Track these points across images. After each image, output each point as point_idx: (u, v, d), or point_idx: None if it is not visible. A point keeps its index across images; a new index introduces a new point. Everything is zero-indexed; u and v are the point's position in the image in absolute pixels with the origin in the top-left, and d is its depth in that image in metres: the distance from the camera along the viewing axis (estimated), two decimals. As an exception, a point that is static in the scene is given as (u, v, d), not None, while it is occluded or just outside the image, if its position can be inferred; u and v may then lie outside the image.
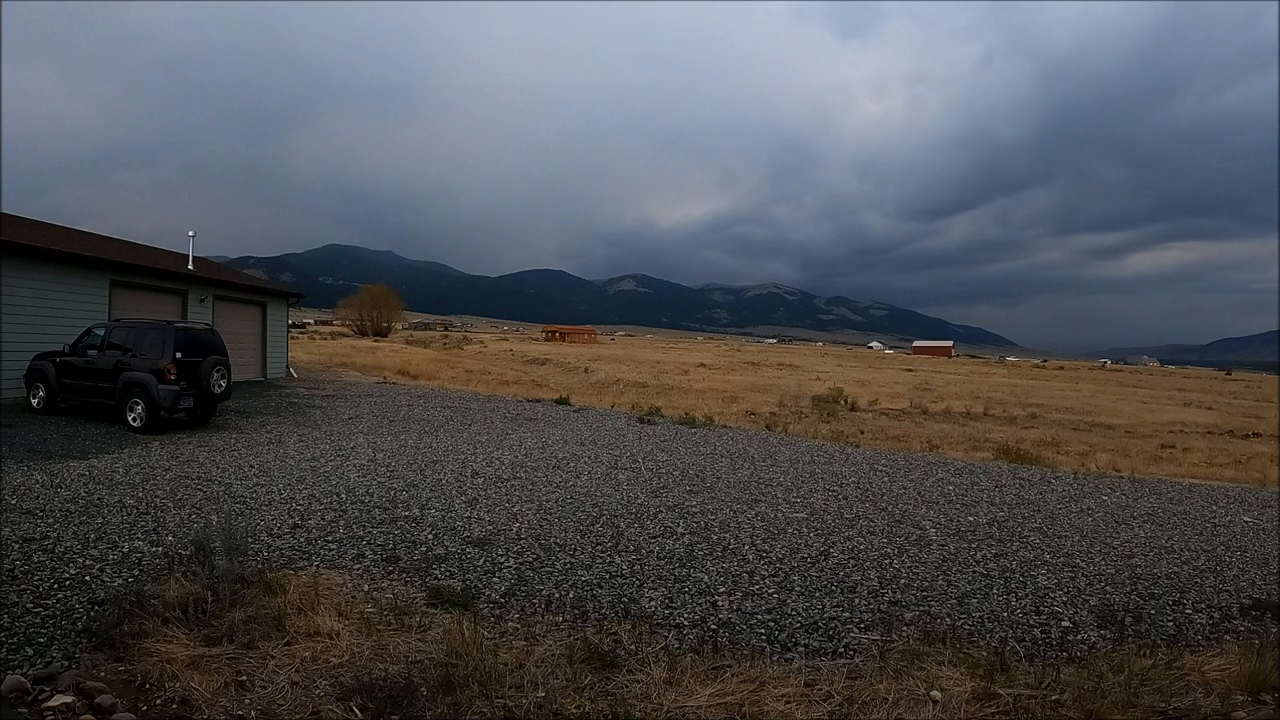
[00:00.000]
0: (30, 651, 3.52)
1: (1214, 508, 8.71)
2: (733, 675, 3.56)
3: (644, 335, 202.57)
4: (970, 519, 7.45)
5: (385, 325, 69.85)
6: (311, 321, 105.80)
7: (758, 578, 5.25)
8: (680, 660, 3.70)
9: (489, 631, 3.98)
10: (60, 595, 4.25)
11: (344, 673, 3.38)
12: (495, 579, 4.96)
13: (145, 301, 16.63)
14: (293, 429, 11.83)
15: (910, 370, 60.89)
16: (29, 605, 4.07)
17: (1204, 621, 4.81)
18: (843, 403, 27.65)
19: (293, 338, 30.16)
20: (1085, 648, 4.25)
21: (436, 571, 5.05)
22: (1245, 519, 8.15)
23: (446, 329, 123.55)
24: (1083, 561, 6.08)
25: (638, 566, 5.39)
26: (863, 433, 19.00)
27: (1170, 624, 4.74)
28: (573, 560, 5.46)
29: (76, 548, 5.13)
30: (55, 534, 5.43)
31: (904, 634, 4.24)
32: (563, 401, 19.22)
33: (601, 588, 4.90)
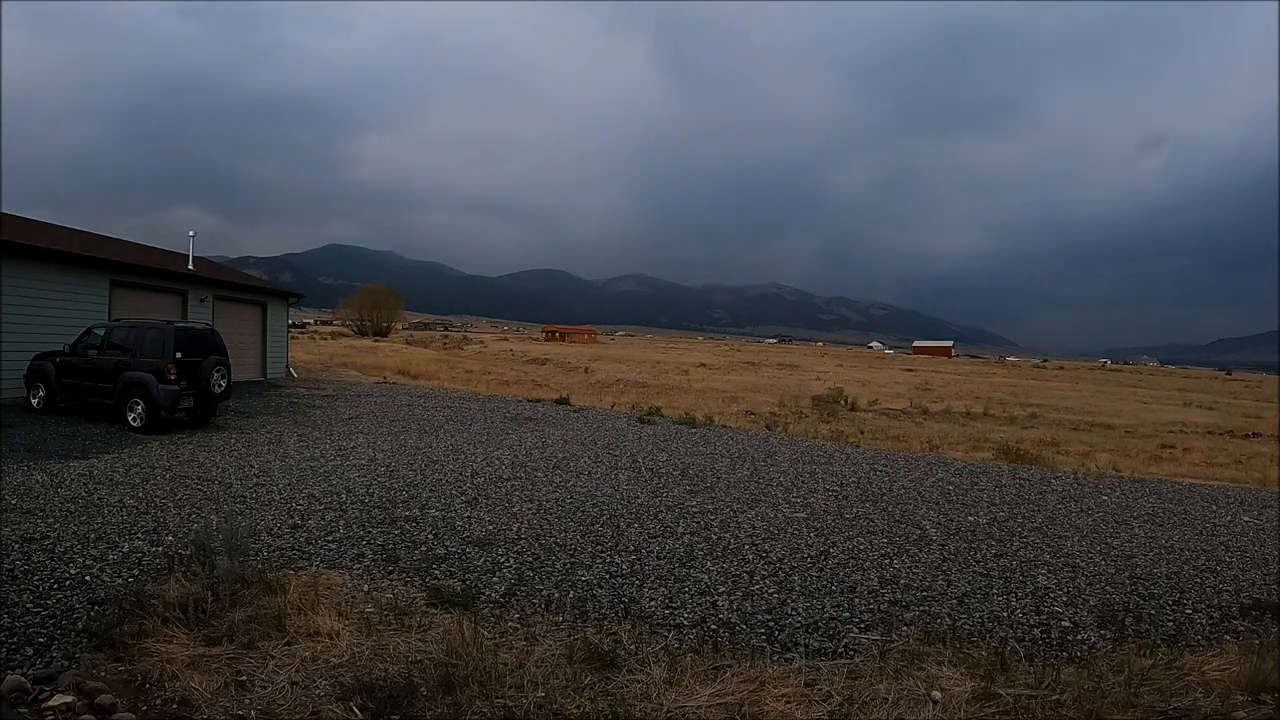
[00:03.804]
0: (30, 651, 3.52)
1: (1214, 508, 8.71)
2: (733, 675, 3.56)
3: (644, 335, 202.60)
4: (970, 519, 7.45)
5: (385, 325, 69.87)
6: (312, 321, 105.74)
7: (758, 578, 5.25)
8: (680, 660, 3.70)
9: (489, 631, 3.98)
10: (60, 595, 4.26)
11: (344, 673, 3.38)
12: (495, 579, 4.96)
13: (145, 301, 16.63)
14: (293, 429, 11.83)
15: (910, 370, 60.88)
16: (29, 605, 4.07)
17: (1204, 621, 4.80)
18: (843, 403, 27.65)
19: (293, 338, 30.16)
20: (1085, 648, 4.25)
21: (436, 571, 5.05)
22: (1245, 519, 8.15)
23: (446, 329, 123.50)
24: (1083, 561, 6.08)
25: (638, 566, 5.39)
26: (863, 433, 19.00)
27: (1170, 624, 4.74)
28: (573, 560, 5.46)
29: (76, 548, 5.13)
30: (55, 534, 5.43)
31: (904, 634, 4.24)
32: (563, 401, 19.22)
33: (601, 587, 4.90)
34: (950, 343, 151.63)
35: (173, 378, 11.05)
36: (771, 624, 4.39)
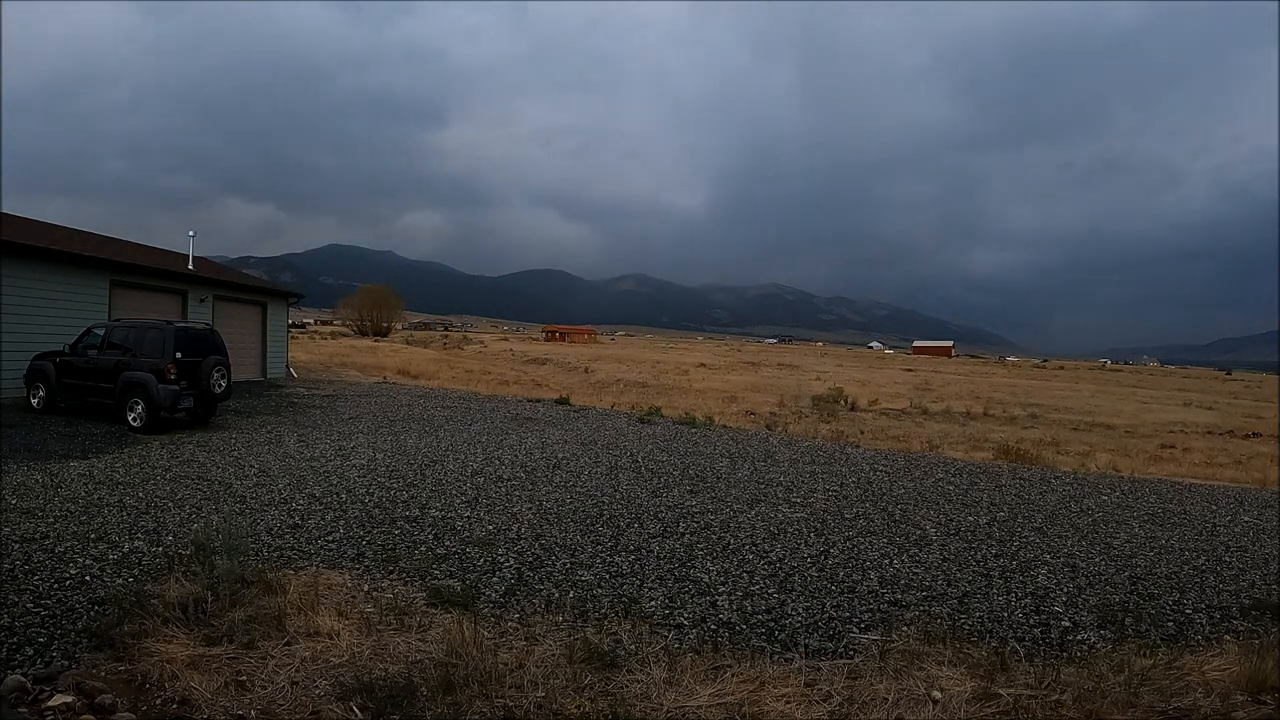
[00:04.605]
0: (30, 651, 3.52)
1: (1214, 508, 8.70)
2: (733, 675, 3.56)
3: (644, 335, 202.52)
4: (970, 519, 7.45)
5: (385, 325, 69.90)
6: (312, 321, 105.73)
7: (758, 578, 5.25)
8: (680, 660, 3.70)
9: (489, 631, 3.98)
10: (60, 595, 4.26)
11: (344, 672, 3.38)
12: (495, 579, 4.96)
13: (145, 301, 16.63)
14: (293, 429, 11.83)
15: (910, 370, 60.91)
16: (29, 605, 4.07)
17: (1204, 621, 4.80)
18: (843, 403, 27.67)
19: (293, 338, 30.17)
20: (1085, 648, 4.25)
21: (436, 571, 5.05)
22: (1245, 519, 8.15)
23: (446, 329, 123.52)
24: (1083, 561, 6.08)
25: (638, 566, 5.39)
26: (863, 433, 19.00)
27: (1170, 624, 4.74)
28: (573, 560, 5.47)
29: (76, 548, 5.13)
30: (55, 534, 5.43)
31: (904, 634, 4.24)
32: (563, 401, 19.21)
33: (601, 587, 4.90)
34: (950, 343, 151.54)
35: (173, 378, 11.05)
36: (771, 624, 4.39)
